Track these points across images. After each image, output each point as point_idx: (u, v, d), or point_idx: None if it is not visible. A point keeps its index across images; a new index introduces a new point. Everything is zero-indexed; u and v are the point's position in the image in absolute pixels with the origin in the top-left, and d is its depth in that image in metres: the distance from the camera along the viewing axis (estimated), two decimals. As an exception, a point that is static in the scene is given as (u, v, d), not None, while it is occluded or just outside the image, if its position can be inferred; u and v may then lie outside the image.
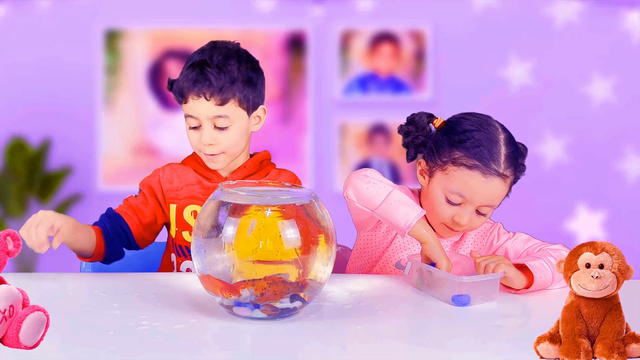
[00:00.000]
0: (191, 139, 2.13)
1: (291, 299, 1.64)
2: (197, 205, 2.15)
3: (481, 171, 1.94)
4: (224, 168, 2.16)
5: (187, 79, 2.08)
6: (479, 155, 1.94)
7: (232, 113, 2.09)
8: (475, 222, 1.99)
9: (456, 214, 1.97)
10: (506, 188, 1.98)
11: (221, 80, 2.06)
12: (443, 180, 1.98)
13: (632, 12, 4.06)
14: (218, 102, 2.07)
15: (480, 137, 1.96)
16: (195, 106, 2.08)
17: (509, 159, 1.96)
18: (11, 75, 4.03)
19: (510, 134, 2.01)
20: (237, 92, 2.08)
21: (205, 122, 2.08)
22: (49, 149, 4.10)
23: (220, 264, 1.63)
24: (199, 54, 2.12)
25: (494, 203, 1.98)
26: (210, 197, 1.69)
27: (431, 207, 2.01)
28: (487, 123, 2.00)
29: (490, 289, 1.82)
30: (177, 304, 1.76)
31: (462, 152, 1.95)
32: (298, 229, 1.61)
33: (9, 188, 4.08)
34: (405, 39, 4.11)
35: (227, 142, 2.10)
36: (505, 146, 1.97)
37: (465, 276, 1.80)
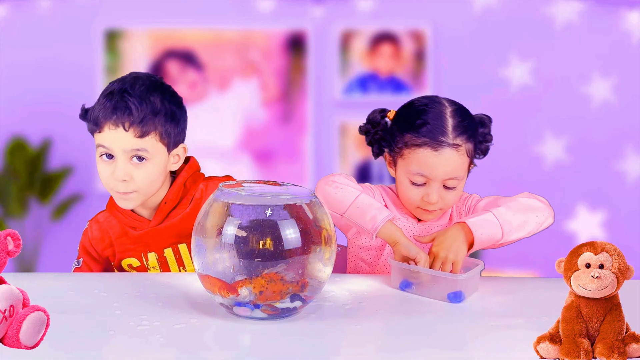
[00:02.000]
0: (102, 173, 1.95)
1: (291, 298, 1.65)
2: (132, 257, 2.06)
3: (431, 146, 1.98)
4: (142, 207, 2.03)
5: (105, 107, 1.92)
6: (426, 132, 1.98)
7: (152, 148, 1.94)
8: (448, 197, 2.02)
9: (425, 194, 2.01)
10: (463, 157, 2.01)
11: (143, 111, 1.91)
12: (403, 165, 2.03)
13: (632, 12, 4.06)
14: (138, 133, 1.91)
15: (426, 116, 2.00)
16: (111, 137, 1.91)
17: (457, 129, 1.99)
18: (11, 75, 4.03)
19: (459, 107, 2.05)
20: (158, 125, 1.93)
21: (120, 155, 1.92)
22: (49, 149, 4.10)
23: (220, 264, 1.63)
24: (119, 82, 1.97)
25: (456, 174, 2.00)
26: (211, 198, 1.69)
27: (402, 194, 2.06)
28: (432, 101, 2.05)
29: (475, 281, 1.87)
30: (178, 303, 1.76)
31: (411, 134, 2.00)
32: (298, 229, 1.61)
33: (9, 188, 4.08)
34: (405, 39, 4.11)
35: (141, 180, 1.95)
36: (452, 118, 2.00)
37: (461, 274, 1.83)
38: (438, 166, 1.98)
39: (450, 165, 1.99)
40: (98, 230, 2.08)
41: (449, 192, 2.02)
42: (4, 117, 4.04)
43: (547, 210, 2.01)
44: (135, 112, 1.90)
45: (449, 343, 1.61)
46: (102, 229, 2.08)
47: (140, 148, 1.92)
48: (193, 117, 2.13)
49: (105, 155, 1.94)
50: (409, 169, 2.02)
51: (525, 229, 1.96)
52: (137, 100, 1.91)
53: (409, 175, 2.02)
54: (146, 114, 1.91)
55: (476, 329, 1.68)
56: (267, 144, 4.17)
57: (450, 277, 1.82)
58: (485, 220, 1.92)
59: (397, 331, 1.67)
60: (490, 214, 1.93)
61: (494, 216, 1.93)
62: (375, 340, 1.62)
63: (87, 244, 2.09)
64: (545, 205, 2.02)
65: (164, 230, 2.01)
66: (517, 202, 1.98)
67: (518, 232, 1.95)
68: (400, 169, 2.05)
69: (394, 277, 1.91)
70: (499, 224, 1.92)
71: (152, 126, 1.93)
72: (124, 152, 1.92)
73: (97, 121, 1.93)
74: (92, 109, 1.96)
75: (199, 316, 1.69)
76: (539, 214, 1.99)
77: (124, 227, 2.05)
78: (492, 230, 1.91)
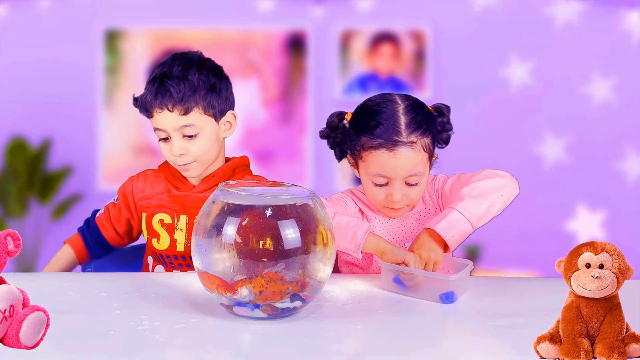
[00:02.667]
0: (163, 151, 2.13)
1: (291, 298, 1.65)
2: (165, 214, 2.17)
3: (386, 147, 1.98)
4: (197, 176, 2.17)
5: (149, 93, 2.09)
6: (380, 133, 1.98)
7: (198, 121, 2.09)
8: (412, 194, 2.03)
9: (388, 194, 2.01)
10: (421, 153, 2.00)
11: (182, 90, 2.07)
12: (363, 167, 2.03)
13: (632, 12, 4.06)
14: (181, 111, 2.07)
15: (379, 116, 2.00)
16: (160, 119, 2.09)
17: (410, 126, 1.98)
18: (11, 75, 4.04)
19: (413, 102, 2.04)
20: (199, 100, 2.08)
21: (172, 133, 2.09)
22: (49, 149, 4.10)
23: (220, 264, 1.63)
24: (160, 67, 2.13)
25: (416, 171, 2.00)
26: (211, 198, 1.69)
27: (367, 195, 2.07)
28: (385, 100, 2.04)
29: (466, 281, 1.87)
30: (178, 303, 1.77)
31: (367, 136, 2.00)
32: (298, 229, 1.62)
33: (9, 188, 4.08)
34: (405, 39, 4.12)
35: (197, 150, 2.10)
36: (405, 115, 1.99)
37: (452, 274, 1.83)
38: (396, 166, 1.98)
39: (408, 163, 1.99)
40: (143, 182, 2.22)
41: (412, 188, 2.02)
42: (4, 117, 4.05)
43: (509, 185, 2.02)
44: (174, 93, 2.07)
45: (449, 343, 1.61)
46: (147, 182, 2.22)
47: (187, 124, 2.08)
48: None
49: (162, 138, 2.12)
50: (369, 171, 2.01)
51: (492, 211, 1.98)
52: (175, 81, 2.07)
53: (370, 177, 2.02)
54: (185, 92, 2.07)
55: (476, 329, 1.68)
56: (267, 144, 4.18)
57: (442, 278, 1.82)
58: (451, 220, 1.94)
59: (396, 331, 1.66)
60: (455, 211, 1.95)
61: (459, 213, 1.94)
62: (375, 340, 1.62)
63: (128, 191, 2.23)
64: (507, 180, 2.03)
65: (203, 199, 2.10)
66: (478, 188, 1.99)
67: (486, 217, 1.97)
68: (362, 171, 2.05)
69: (384, 278, 1.90)
70: (466, 219, 1.94)
71: (193, 102, 2.08)
72: (175, 130, 2.09)
73: (146, 107, 2.11)
74: (140, 97, 2.12)
75: (199, 316, 1.69)
76: (503, 192, 2.00)
77: (167, 184, 2.19)
78: (461, 228, 1.93)
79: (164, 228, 2.16)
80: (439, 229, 1.92)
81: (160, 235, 2.17)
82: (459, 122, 2.34)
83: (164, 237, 2.16)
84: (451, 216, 1.94)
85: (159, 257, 2.18)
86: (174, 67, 2.10)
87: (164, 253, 2.16)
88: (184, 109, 2.07)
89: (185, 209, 2.16)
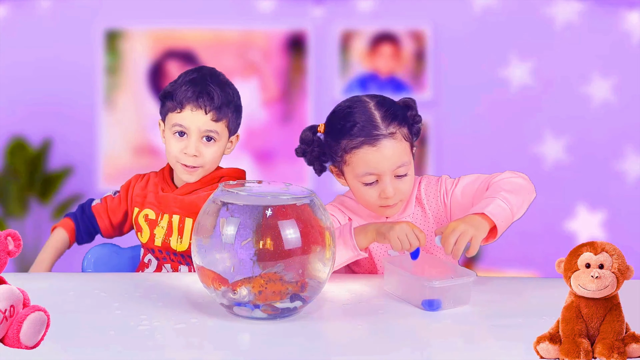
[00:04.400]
0: (173, 146, 2.21)
1: (291, 298, 1.65)
2: (151, 210, 2.26)
3: (368, 143, 1.97)
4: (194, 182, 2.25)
5: (190, 90, 2.19)
6: (358, 132, 1.98)
7: (221, 131, 2.20)
8: (403, 187, 2.01)
9: (380, 191, 2.00)
10: (402, 142, 2.00)
11: (221, 99, 2.19)
12: (350, 171, 2.02)
13: (632, 13, 4.06)
14: (214, 117, 2.18)
15: (353, 117, 2.00)
16: (191, 116, 2.18)
17: (386, 118, 1.99)
18: (12, 75, 4.04)
19: (381, 98, 2.05)
20: (229, 113, 2.21)
21: (194, 133, 2.18)
22: (49, 149, 4.11)
23: (220, 264, 1.63)
24: (197, 72, 2.24)
25: (402, 162, 2.00)
26: (211, 198, 1.69)
27: (359, 199, 2.05)
28: (353, 101, 2.05)
29: (462, 292, 1.79)
30: (178, 304, 1.77)
31: (346, 139, 1.99)
32: (298, 229, 1.62)
33: (10, 188, 4.09)
34: (405, 39, 4.12)
35: (209, 157, 2.20)
36: (377, 110, 2.00)
37: (436, 280, 1.76)
38: (382, 160, 1.98)
39: (393, 154, 1.98)
40: (146, 181, 2.32)
41: (402, 180, 2.01)
42: (4, 117, 4.05)
43: (531, 186, 2.02)
44: (216, 99, 2.18)
45: (449, 343, 1.61)
46: (150, 182, 2.32)
47: (213, 129, 2.19)
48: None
49: (178, 133, 2.20)
50: (356, 173, 2.00)
51: (523, 208, 1.97)
52: (217, 89, 2.19)
53: (358, 179, 2.01)
54: (223, 102, 2.19)
55: (476, 329, 1.68)
56: (268, 144, 4.18)
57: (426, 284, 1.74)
58: (497, 206, 1.90)
59: (397, 331, 1.66)
60: (498, 200, 1.91)
61: (503, 202, 1.91)
62: (375, 340, 1.62)
63: (130, 186, 2.33)
64: (529, 182, 2.02)
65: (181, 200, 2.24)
66: (511, 184, 1.97)
67: (519, 212, 1.95)
68: (349, 176, 2.04)
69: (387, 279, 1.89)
70: (509, 209, 1.91)
71: (225, 113, 2.20)
72: (199, 131, 2.18)
73: (181, 102, 2.18)
74: (176, 92, 2.20)
75: (199, 316, 1.69)
76: (528, 192, 2.00)
77: (158, 186, 2.30)
78: (506, 215, 1.90)
79: (147, 223, 2.25)
80: (489, 212, 1.88)
81: (143, 230, 2.25)
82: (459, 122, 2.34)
83: (145, 231, 2.24)
84: (496, 203, 1.91)
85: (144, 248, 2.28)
86: (214, 77, 2.23)
87: (145, 245, 2.26)
88: (218, 116, 2.18)
89: (166, 208, 2.24)
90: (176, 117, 2.19)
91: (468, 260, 3.98)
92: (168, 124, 2.21)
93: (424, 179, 2.14)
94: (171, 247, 2.21)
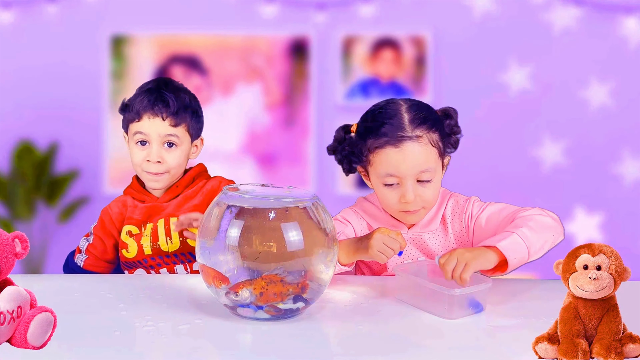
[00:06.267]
0: (136, 156, 2.25)
1: (294, 300, 1.66)
2: (132, 225, 2.27)
3: (391, 144, 1.94)
4: (161, 188, 2.29)
5: (146, 100, 2.23)
6: (384, 132, 1.95)
7: (181, 135, 2.25)
8: (426, 193, 1.97)
9: (400, 195, 1.96)
10: (428, 147, 1.95)
11: (177, 104, 2.23)
12: (373, 171, 1.99)
13: (629, 18, 4.05)
14: (172, 123, 2.22)
15: (382, 117, 1.97)
16: (149, 124, 2.23)
17: (414, 121, 1.95)
18: (19, 80, 4.02)
19: (416, 102, 2.02)
20: (187, 118, 2.25)
21: (155, 140, 2.23)
22: (56, 153, 4.10)
23: (223, 266, 1.64)
24: (154, 82, 2.30)
25: (426, 167, 1.95)
26: (215, 201, 1.70)
27: (381, 201, 2.02)
28: (388, 102, 2.02)
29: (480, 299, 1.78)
30: (182, 305, 1.78)
31: (372, 138, 1.96)
32: (300, 231, 1.62)
33: (17, 191, 4.07)
34: (406, 44, 4.10)
35: (172, 162, 2.24)
36: (407, 113, 1.96)
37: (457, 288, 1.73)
38: (403, 162, 1.93)
39: (416, 158, 1.94)
40: (118, 207, 2.32)
41: (425, 186, 1.96)
42: (12, 121, 4.04)
43: (559, 227, 1.93)
44: (171, 105, 2.22)
45: (449, 343, 1.61)
46: (121, 205, 2.32)
47: (172, 134, 2.23)
48: (197, 121, 2.30)
49: (140, 142, 2.23)
50: (378, 173, 1.97)
51: (544, 249, 1.88)
52: (172, 95, 2.23)
53: (380, 179, 1.97)
54: (179, 107, 2.23)
55: (475, 330, 1.68)
56: (270, 148, 4.15)
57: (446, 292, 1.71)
58: (513, 242, 1.81)
59: (398, 332, 1.67)
60: (516, 235, 1.82)
61: (520, 238, 1.82)
62: (376, 340, 1.62)
63: (108, 221, 2.31)
64: (557, 223, 1.94)
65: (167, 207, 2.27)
66: (536, 222, 1.89)
67: (538, 253, 1.86)
68: (372, 176, 2.00)
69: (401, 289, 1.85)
70: (526, 247, 1.82)
71: (183, 118, 2.24)
72: (159, 137, 2.22)
73: (138, 112, 2.23)
74: (132, 103, 2.25)
75: (203, 317, 1.70)
76: (554, 233, 1.91)
77: (134, 201, 2.31)
78: (521, 253, 1.82)
79: (133, 238, 2.26)
80: (502, 247, 1.79)
81: (129, 245, 2.26)
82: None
83: (132, 246, 2.25)
84: (512, 238, 1.82)
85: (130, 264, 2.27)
86: (169, 85, 2.28)
87: (133, 260, 2.25)
88: (175, 121, 2.23)
89: (150, 218, 2.27)
90: (136, 126, 2.23)
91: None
92: (130, 134, 2.26)
93: (453, 196, 2.08)
94: (162, 250, 2.23)
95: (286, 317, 1.68)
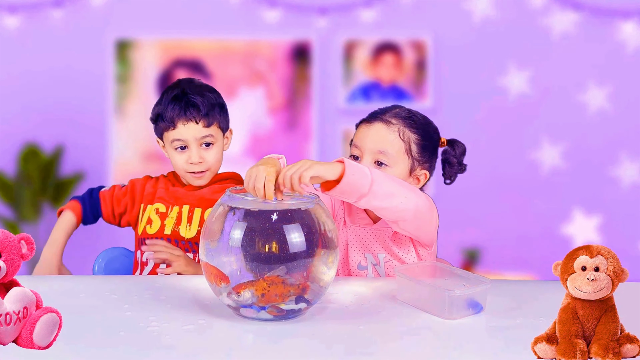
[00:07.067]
0: (178, 160, 2.33)
1: (296, 300, 1.68)
2: (162, 204, 2.38)
3: (366, 121, 2.10)
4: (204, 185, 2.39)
5: (175, 107, 2.31)
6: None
7: (215, 133, 2.36)
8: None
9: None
10: (395, 135, 2.05)
11: (206, 105, 2.32)
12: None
13: (627, 23, 4.05)
14: (205, 124, 2.33)
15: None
16: (185, 130, 2.32)
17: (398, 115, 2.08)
18: (25, 83, 4.02)
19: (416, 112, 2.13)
20: (217, 115, 2.35)
21: (192, 143, 2.33)
22: (61, 156, 4.09)
23: (227, 267, 1.67)
24: (178, 88, 2.33)
25: (384, 148, 2.03)
26: (218, 202, 1.72)
27: None
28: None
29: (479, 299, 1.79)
30: (186, 305, 1.80)
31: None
32: (302, 233, 1.65)
33: (23, 193, 4.07)
34: (406, 48, 4.10)
35: (212, 159, 2.36)
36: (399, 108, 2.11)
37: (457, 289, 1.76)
38: (367, 136, 2.06)
39: (378, 137, 2.05)
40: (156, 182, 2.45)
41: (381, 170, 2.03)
42: (18, 124, 4.03)
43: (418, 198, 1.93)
44: (201, 108, 2.31)
45: (449, 343, 1.63)
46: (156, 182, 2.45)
47: (207, 134, 2.33)
48: (200, 125, 2.32)
49: (179, 147, 2.33)
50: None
51: (390, 200, 1.87)
52: (198, 98, 2.32)
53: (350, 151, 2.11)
54: (209, 108, 2.33)
55: (475, 330, 1.70)
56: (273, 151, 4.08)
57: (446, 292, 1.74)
58: (361, 168, 1.83)
59: (398, 332, 1.68)
60: (367, 168, 1.85)
61: (368, 170, 1.84)
62: (377, 341, 1.63)
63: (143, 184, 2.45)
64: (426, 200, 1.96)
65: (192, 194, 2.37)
66: (400, 181, 1.94)
67: (382, 199, 1.85)
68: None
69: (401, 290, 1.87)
70: (371, 178, 1.82)
71: (213, 117, 2.34)
72: (196, 140, 2.33)
73: (172, 120, 2.31)
74: (163, 112, 2.31)
75: (206, 317, 1.72)
76: (409, 196, 1.90)
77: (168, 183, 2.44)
78: (362, 179, 1.81)
79: (158, 215, 2.36)
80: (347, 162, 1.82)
81: (154, 221, 2.36)
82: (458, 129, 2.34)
83: (156, 222, 2.35)
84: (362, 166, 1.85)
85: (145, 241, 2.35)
86: (189, 87, 2.33)
87: (153, 236, 2.34)
88: (208, 121, 2.32)
89: (177, 201, 2.36)
90: (172, 134, 2.31)
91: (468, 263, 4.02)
92: (166, 141, 2.34)
93: None
94: (180, 235, 2.31)
95: (289, 318, 1.70)
